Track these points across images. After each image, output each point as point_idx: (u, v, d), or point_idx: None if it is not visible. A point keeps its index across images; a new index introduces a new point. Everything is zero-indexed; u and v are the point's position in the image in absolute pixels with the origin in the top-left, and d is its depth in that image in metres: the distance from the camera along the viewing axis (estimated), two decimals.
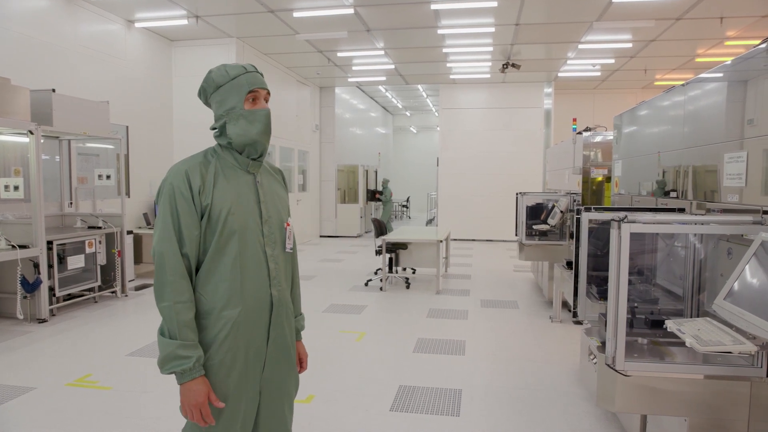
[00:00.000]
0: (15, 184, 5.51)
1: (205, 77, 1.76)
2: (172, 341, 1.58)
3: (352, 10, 7.58)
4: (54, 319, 5.61)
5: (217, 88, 1.73)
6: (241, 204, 1.72)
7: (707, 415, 2.22)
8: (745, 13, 7.58)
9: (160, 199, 1.67)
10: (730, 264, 2.38)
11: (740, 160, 2.31)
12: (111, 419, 3.35)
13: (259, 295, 1.73)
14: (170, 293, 1.59)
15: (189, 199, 1.64)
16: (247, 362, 1.71)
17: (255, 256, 1.72)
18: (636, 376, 2.13)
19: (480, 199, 13.17)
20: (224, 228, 1.67)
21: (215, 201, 1.67)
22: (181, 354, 1.57)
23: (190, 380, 1.59)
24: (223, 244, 1.67)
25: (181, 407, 1.63)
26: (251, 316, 1.71)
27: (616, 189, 4.28)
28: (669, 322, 2.09)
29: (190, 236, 1.64)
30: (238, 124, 1.71)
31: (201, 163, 1.70)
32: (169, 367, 1.58)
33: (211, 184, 1.68)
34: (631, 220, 2.01)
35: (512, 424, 3.33)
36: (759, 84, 2.32)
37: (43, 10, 6.62)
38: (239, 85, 1.71)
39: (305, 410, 3.50)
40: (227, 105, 1.71)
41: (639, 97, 13.07)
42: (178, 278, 1.61)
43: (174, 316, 1.58)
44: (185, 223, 1.63)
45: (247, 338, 1.71)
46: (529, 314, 6.08)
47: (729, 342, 1.80)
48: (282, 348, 1.81)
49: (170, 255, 1.61)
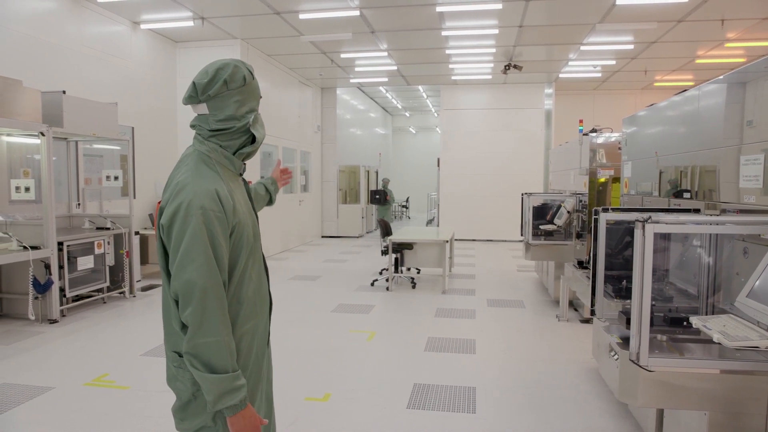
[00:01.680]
0: (26, 186, 5.54)
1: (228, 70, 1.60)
2: (225, 375, 1.47)
3: (358, 12, 7.64)
4: (64, 320, 5.64)
5: (242, 86, 1.62)
6: (246, 212, 1.66)
7: (726, 409, 2.28)
8: (746, 15, 7.68)
9: (187, 224, 1.48)
10: (746, 263, 2.44)
11: (757, 162, 2.37)
12: (133, 418, 3.39)
13: (265, 300, 1.73)
14: (219, 328, 1.48)
15: (224, 222, 1.52)
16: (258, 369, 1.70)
17: (260, 262, 1.71)
18: (659, 371, 2.20)
19: (481, 200, 13.25)
20: (246, 243, 1.61)
21: (239, 217, 1.59)
22: (235, 385, 1.49)
23: (244, 408, 1.51)
24: (246, 260, 1.62)
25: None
26: (261, 323, 1.71)
27: (625, 190, 4.35)
28: (694, 319, 2.15)
29: (225, 261, 1.54)
30: (259, 125, 1.69)
31: (218, 177, 1.58)
32: (228, 401, 1.47)
33: (233, 200, 1.58)
34: (655, 221, 2.08)
35: (528, 421, 3.39)
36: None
37: (50, 12, 6.64)
38: (256, 88, 1.69)
39: (323, 408, 3.55)
40: (248, 106, 1.64)
41: (639, 98, 13.20)
42: (224, 311, 1.51)
43: (225, 350, 1.48)
44: (222, 247, 1.52)
45: (257, 345, 1.70)
46: (536, 313, 6.15)
47: (756, 337, 1.86)
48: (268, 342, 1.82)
49: (214, 288, 1.48)
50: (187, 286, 1.46)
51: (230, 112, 1.60)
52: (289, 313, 6.06)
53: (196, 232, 1.46)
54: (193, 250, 1.46)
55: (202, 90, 1.59)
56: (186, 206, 1.48)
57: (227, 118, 1.60)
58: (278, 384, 3.85)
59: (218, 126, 1.61)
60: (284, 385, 3.87)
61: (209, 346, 1.46)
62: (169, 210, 1.51)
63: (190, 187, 1.51)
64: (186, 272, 1.46)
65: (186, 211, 1.48)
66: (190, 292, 1.46)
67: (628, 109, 11.05)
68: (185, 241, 1.47)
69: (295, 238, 12.20)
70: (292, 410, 3.50)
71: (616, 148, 5.25)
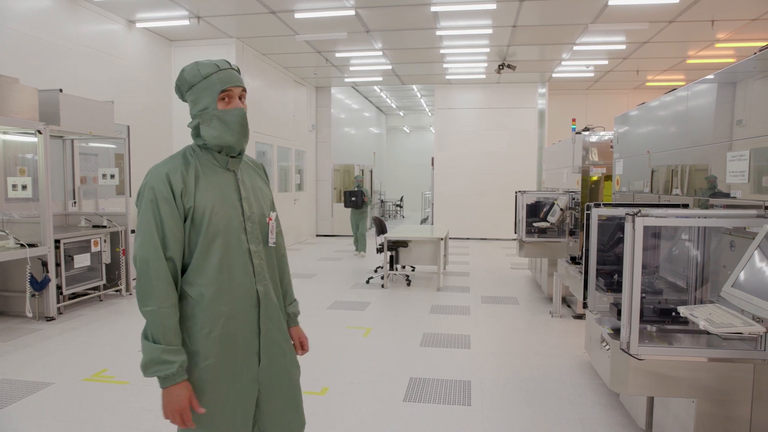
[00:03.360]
0: (23, 184, 5.55)
1: (178, 75, 1.73)
2: (156, 346, 1.57)
3: (353, 11, 7.69)
4: (61, 317, 5.66)
5: (190, 87, 1.70)
6: (223, 203, 1.71)
7: (714, 397, 2.36)
8: (736, 16, 7.80)
9: (141, 203, 1.65)
10: (733, 256, 2.53)
11: (743, 158, 2.45)
12: (134, 412, 3.43)
13: (245, 292, 1.74)
14: (155, 298, 1.58)
15: (171, 202, 1.63)
16: (237, 358, 1.72)
17: (240, 254, 1.73)
18: (648, 360, 2.27)
19: (475, 198, 13.34)
20: (208, 229, 1.67)
21: (198, 202, 1.66)
22: (165, 359, 1.57)
23: (172, 385, 1.59)
24: (208, 244, 1.67)
25: (163, 411, 1.62)
26: (239, 313, 1.72)
27: (617, 187, 4.43)
28: (681, 308, 2.23)
29: (174, 239, 1.63)
30: (212, 125, 1.69)
31: (181, 164, 1.69)
32: (153, 371, 1.58)
33: (193, 185, 1.67)
34: (644, 214, 2.15)
35: (523, 413, 3.46)
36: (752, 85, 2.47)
37: (46, 10, 6.65)
38: (211, 84, 1.68)
39: (321, 402, 3.61)
40: (200, 105, 1.69)
41: (631, 98, 13.33)
42: (162, 283, 1.60)
43: (159, 320, 1.58)
44: (168, 226, 1.62)
45: (237, 335, 1.72)
46: (530, 310, 6.23)
47: (740, 324, 1.94)
48: (275, 340, 1.82)
49: (154, 260, 1.60)
50: (134, 256, 1.64)
51: (192, 111, 1.74)
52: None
53: (144, 209, 1.64)
54: (140, 227, 1.64)
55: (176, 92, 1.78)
56: (142, 187, 1.67)
57: (192, 117, 1.74)
58: None
59: (192, 124, 1.75)
60: None
61: (147, 314, 1.60)
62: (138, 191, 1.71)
63: (150, 171, 1.68)
64: (135, 246, 1.65)
65: (141, 191, 1.67)
66: (135, 262, 1.63)
67: (620, 108, 11.18)
68: (138, 218, 1.66)
69: (290, 237, 12.23)
70: None
71: (609, 146, 5.34)
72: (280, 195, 11.62)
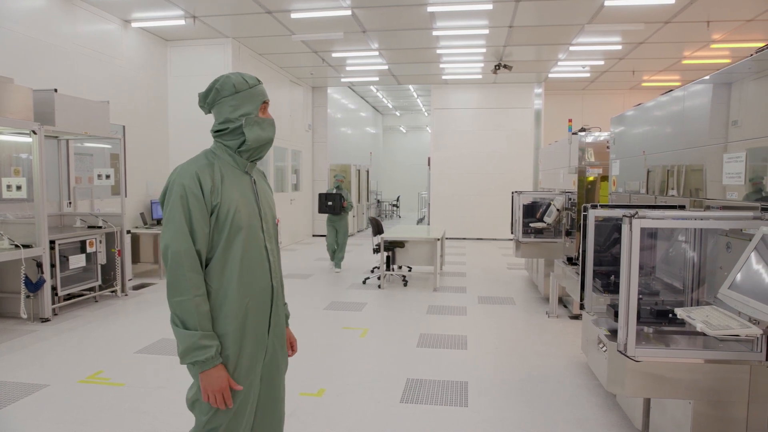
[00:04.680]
0: (18, 184, 5.51)
1: (220, 81, 1.86)
2: (193, 332, 1.67)
3: (350, 11, 7.68)
4: (56, 319, 5.63)
5: (234, 93, 1.84)
6: (245, 202, 1.85)
7: (710, 398, 2.37)
8: (731, 17, 7.83)
9: (170, 198, 1.75)
10: (729, 257, 2.53)
11: (739, 159, 2.46)
12: (130, 414, 3.41)
13: (262, 287, 1.87)
14: (189, 287, 1.69)
15: (200, 199, 1.74)
16: (253, 350, 1.84)
17: (258, 251, 1.86)
18: (645, 361, 2.27)
19: (471, 198, 13.35)
20: (232, 225, 1.79)
21: (224, 200, 1.78)
22: (203, 344, 1.68)
23: (212, 367, 1.70)
24: (230, 240, 1.79)
25: (203, 393, 1.72)
26: (257, 306, 1.85)
27: (614, 188, 4.44)
28: (678, 310, 2.23)
29: (202, 233, 1.74)
30: (253, 130, 1.86)
31: (207, 165, 1.81)
32: (192, 356, 1.68)
33: (220, 184, 1.79)
34: (641, 216, 2.15)
35: (520, 413, 3.47)
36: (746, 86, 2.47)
37: (41, 10, 6.61)
38: (256, 94, 1.88)
39: (318, 403, 3.60)
40: (242, 110, 1.85)
41: (626, 98, 13.37)
42: (195, 273, 1.71)
43: (194, 308, 1.68)
44: (197, 220, 1.73)
45: (254, 327, 1.84)
46: (526, 310, 6.24)
47: (736, 326, 1.95)
48: (279, 334, 1.97)
49: (186, 252, 1.70)
50: (164, 249, 1.72)
51: (226, 115, 1.85)
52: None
53: (174, 204, 1.73)
54: (170, 219, 1.73)
55: (202, 99, 1.89)
56: (171, 183, 1.76)
57: (224, 121, 1.86)
58: None
59: (218, 127, 1.87)
60: None
61: (181, 304, 1.69)
62: (163, 188, 1.79)
63: (178, 169, 1.79)
64: (164, 237, 1.74)
65: (170, 187, 1.76)
66: (165, 254, 1.72)
67: (616, 108, 11.19)
68: (167, 211, 1.75)
69: (286, 237, 12.21)
70: (287, 405, 3.53)
71: (605, 147, 5.35)
72: (276, 195, 11.59)
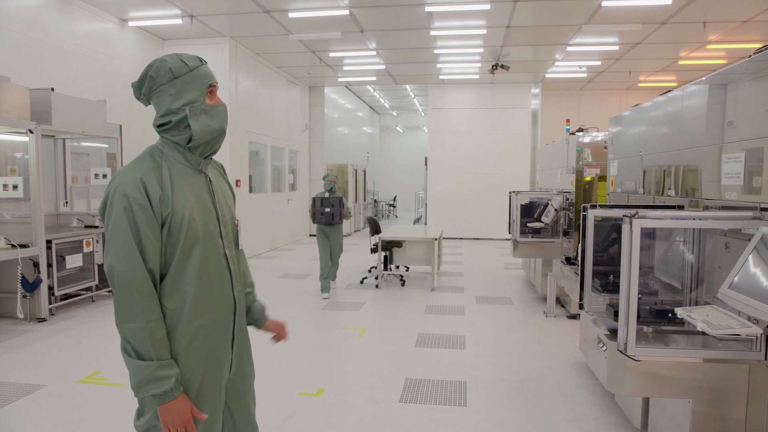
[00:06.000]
0: (14, 183, 5.49)
1: (154, 66, 1.61)
2: (148, 363, 1.47)
3: (347, 11, 7.68)
4: (53, 319, 5.61)
5: (172, 80, 1.59)
6: (200, 208, 1.62)
7: (709, 397, 2.38)
8: (728, 18, 7.86)
9: (112, 211, 1.50)
10: (728, 257, 2.54)
11: (738, 160, 2.47)
12: (128, 414, 3.38)
13: (223, 300, 1.67)
14: (140, 313, 1.47)
15: (148, 209, 1.50)
16: (216, 371, 1.66)
17: (217, 260, 1.65)
18: (645, 361, 2.28)
19: (468, 198, 13.36)
20: (187, 236, 1.56)
21: (175, 209, 1.55)
22: (161, 374, 1.48)
23: (172, 399, 1.51)
24: (186, 253, 1.57)
25: (163, 427, 1.52)
26: (218, 322, 1.65)
27: (611, 188, 4.45)
28: (679, 310, 2.24)
29: (153, 249, 1.51)
30: (201, 120, 1.60)
31: (153, 168, 1.57)
32: (149, 389, 1.48)
33: (170, 190, 1.56)
34: (641, 216, 2.16)
35: (519, 413, 3.47)
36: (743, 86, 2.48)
37: (38, 9, 6.58)
38: (199, 77, 1.62)
39: (316, 403, 3.60)
40: (186, 98, 1.60)
41: (623, 99, 13.41)
42: (146, 296, 1.49)
43: (148, 335, 1.47)
44: (146, 235, 1.50)
45: (215, 344, 1.65)
46: (524, 310, 6.25)
47: (737, 326, 1.96)
48: (244, 346, 1.79)
49: (135, 272, 1.48)
50: (109, 270, 1.50)
51: (166, 106, 1.61)
52: (279, 311, 6.08)
53: (117, 218, 1.49)
54: (113, 236, 1.49)
55: (136, 90, 1.64)
56: (111, 194, 1.52)
57: (166, 113, 1.61)
58: (271, 380, 3.90)
59: (160, 121, 1.63)
60: (277, 380, 3.92)
61: (133, 331, 1.47)
62: (102, 198, 1.56)
63: (119, 176, 1.54)
64: (108, 257, 1.50)
65: (111, 198, 1.52)
66: (111, 276, 1.50)
67: (612, 109, 11.24)
68: (110, 226, 1.51)
69: (283, 237, 12.20)
70: (286, 405, 3.55)
71: (602, 147, 5.37)
72: (273, 195, 11.58)
